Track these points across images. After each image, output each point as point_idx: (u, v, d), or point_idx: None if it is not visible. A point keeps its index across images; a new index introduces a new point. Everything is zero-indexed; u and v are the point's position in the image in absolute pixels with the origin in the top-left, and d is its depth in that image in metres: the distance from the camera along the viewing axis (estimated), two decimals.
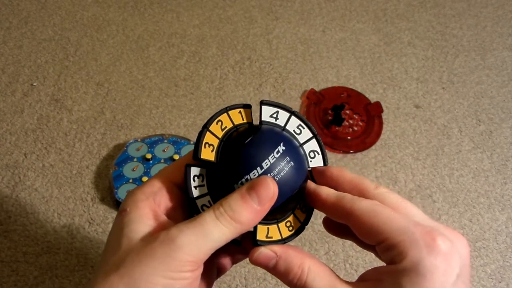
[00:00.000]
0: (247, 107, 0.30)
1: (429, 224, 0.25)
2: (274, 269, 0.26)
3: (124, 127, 0.65)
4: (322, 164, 0.30)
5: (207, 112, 0.67)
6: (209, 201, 0.28)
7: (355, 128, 0.66)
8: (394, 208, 0.26)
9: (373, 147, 0.65)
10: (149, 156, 0.59)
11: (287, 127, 0.30)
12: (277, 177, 0.27)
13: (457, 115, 0.70)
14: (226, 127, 0.29)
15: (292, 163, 0.28)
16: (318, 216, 0.58)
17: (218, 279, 0.52)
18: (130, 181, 0.57)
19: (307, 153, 0.30)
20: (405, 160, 0.64)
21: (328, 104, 0.68)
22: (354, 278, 0.54)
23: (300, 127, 0.30)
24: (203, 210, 0.27)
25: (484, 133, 0.68)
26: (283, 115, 0.30)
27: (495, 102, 0.72)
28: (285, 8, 0.83)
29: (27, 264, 0.52)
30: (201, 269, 0.25)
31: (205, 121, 0.28)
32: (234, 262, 0.33)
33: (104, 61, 0.73)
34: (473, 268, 0.55)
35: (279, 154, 0.27)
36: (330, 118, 0.67)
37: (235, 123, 0.29)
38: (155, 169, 0.58)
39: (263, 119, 0.29)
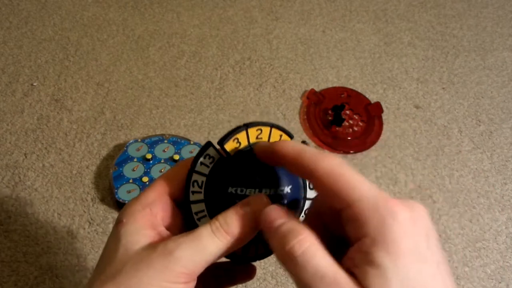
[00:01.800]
0: (290, 136, 0.30)
1: (385, 194, 0.24)
2: (276, 230, 0.24)
3: (124, 127, 0.65)
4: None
5: (207, 112, 0.67)
6: (203, 210, 0.28)
7: (355, 129, 0.66)
8: (356, 172, 0.24)
9: (373, 147, 0.65)
10: (149, 156, 0.59)
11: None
12: None
13: (457, 116, 0.70)
14: (261, 138, 0.29)
15: (288, 189, 0.28)
16: None
17: None
18: (130, 181, 0.57)
19: (308, 184, 0.30)
20: (405, 160, 0.64)
21: (328, 105, 0.68)
22: None
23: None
24: (196, 215, 0.28)
25: (484, 133, 0.68)
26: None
27: (495, 103, 0.72)
28: (285, 8, 0.83)
29: (27, 264, 0.52)
30: (194, 282, 0.25)
31: (249, 121, 0.28)
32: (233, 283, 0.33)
33: (104, 61, 0.73)
34: (473, 268, 0.55)
35: (282, 193, 0.28)
36: (330, 118, 0.67)
37: (271, 141, 0.29)
38: (155, 169, 0.58)
39: None
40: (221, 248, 0.25)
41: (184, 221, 0.29)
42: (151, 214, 0.27)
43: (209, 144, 0.28)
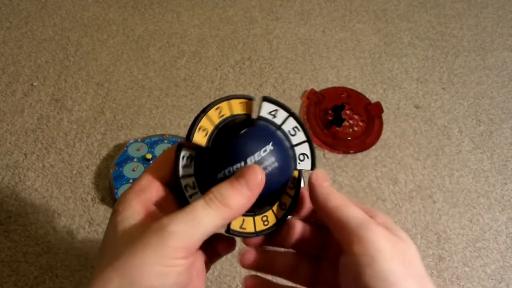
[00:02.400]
0: (249, 99, 0.30)
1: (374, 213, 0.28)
2: (325, 189, 0.29)
3: (124, 127, 0.65)
4: (309, 168, 0.31)
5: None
6: (193, 182, 0.28)
7: (355, 129, 0.66)
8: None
9: (373, 147, 0.65)
10: (149, 156, 0.59)
11: (282, 127, 0.30)
12: None
13: (457, 116, 0.70)
14: (223, 115, 0.29)
15: (276, 164, 0.28)
16: None
17: (218, 279, 0.53)
18: (130, 181, 0.57)
19: (297, 155, 0.31)
20: (405, 160, 0.64)
21: (328, 105, 0.68)
22: None
23: (295, 129, 0.31)
24: (187, 190, 0.28)
25: (484, 133, 0.68)
26: (281, 114, 0.30)
27: (495, 103, 0.72)
28: (285, 8, 0.83)
29: (27, 264, 0.52)
30: (193, 257, 0.25)
31: (205, 106, 0.29)
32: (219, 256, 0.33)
33: (104, 61, 0.73)
34: (473, 268, 0.55)
35: (266, 153, 0.28)
36: (330, 118, 0.67)
37: (234, 113, 0.30)
38: None
39: (261, 114, 0.30)
40: (216, 219, 0.25)
41: (179, 202, 0.29)
42: (145, 199, 0.28)
43: (179, 147, 0.28)
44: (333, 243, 0.31)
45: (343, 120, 0.66)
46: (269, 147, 0.28)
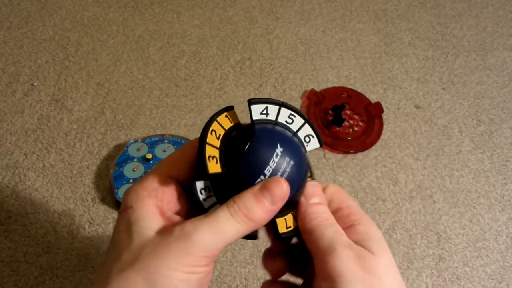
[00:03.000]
0: (229, 109, 0.30)
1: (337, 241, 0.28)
2: (310, 207, 0.29)
3: (125, 127, 0.65)
4: (318, 146, 0.31)
5: (208, 112, 0.67)
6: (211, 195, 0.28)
7: (356, 129, 0.66)
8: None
9: (374, 147, 0.65)
10: (149, 156, 0.59)
11: (278, 120, 0.31)
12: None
13: (457, 116, 0.70)
14: (220, 134, 0.29)
15: (292, 162, 0.28)
16: None
17: (219, 279, 0.53)
18: (131, 181, 0.57)
19: (303, 139, 0.31)
20: (405, 160, 0.64)
21: (329, 105, 0.68)
22: None
23: (291, 116, 0.31)
24: (203, 197, 0.28)
25: (484, 133, 0.68)
26: (272, 109, 0.30)
27: (495, 103, 0.72)
28: (286, 8, 0.83)
29: (27, 264, 0.52)
30: (213, 264, 0.26)
31: (200, 135, 0.28)
32: None
33: (104, 61, 0.73)
34: (473, 268, 0.55)
35: (278, 157, 0.28)
36: (330, 118, 0.67)
37: (226, 128, 0.30)
38: None
39: (254, 118, 0.30)
40: (239, 231, 0.25)
41: (191, 203, 0.29)
42: (158, 199, 0.27)
43: (191, 182, 0.28)
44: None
45: (343, 120, 0.66)
46: (279, 150, 0.28)
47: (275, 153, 0.28)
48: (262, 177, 0.27)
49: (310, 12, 0.83)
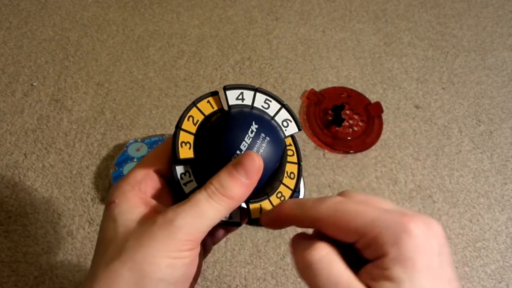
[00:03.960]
0: (214, 94, 0.31)
1: (399, 210, 0.24)
2: (295, 238, 0.26)
3: (124, 127, 0.65)
4: (296, 130, 0.31)
5: None
6: (191, 180, 0.29)
7: (355, 129, 0.66)
8: (360, 202, 0.25)
9: (373, 147, 0.65)
10: None
11: (255, 105, 0.31)
12: None
13: (457, 116, 0.70)
14: (198, 120, 0.30)
15: (268, 138, 0.29)
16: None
17: (218, 279, 0.53)
18: None
19: (280, 123, 0.31)
20: (405, 160, 0.64)
21: (328, 105, 0.68)
22: None
23: (267, 101, 0.31)
24: (185, 185, 0.28)
25: (484, 133, 0.68)
26: (248, 95, 0.31)
27: (495, 103, 0.72)
28: (285, 8, 0.83)
29: (27, 264, 0.52)
30: (199, 248, 0.26)
31: (177, 121, 0.29)
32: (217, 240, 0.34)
33: (104, 61, 0.73)
34: (473, 268, 0.55)
35: (254, 133, 0.28)
36: (330, 118, 0.67)
37: (206, 114, 0.30)
38: None
39: (230, 103, 0.30)
40: (220, 211, 0.25)
41: (175, 196, 0.29)
42: (141, 192, 0.28)
43: (172, 167, 0.28)
44: None
45: (343, 120, 0.66)
46: (254, 126, 0.28)
47: (250, 129, 0.28)
48: (238, 152, 0.27)
49: (310, 12, 0.83)
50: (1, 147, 0.62)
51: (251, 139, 0.28)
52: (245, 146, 0.28)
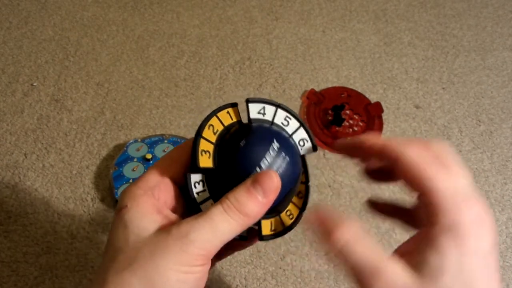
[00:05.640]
0: (234, 105, 0.30)
1: (471, 192, 0.25)
2: (322, 223, 0.26)
3: (124, 127, 0.65)
4: (312, 151, 0.31)
5: (207, 112, 0.67)
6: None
7: (355, 129, 0.66)
8: (444, 164, 0.25)
9: None
10: (149, 156, 0.59)
11: (275, 121, 0.31)
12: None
13: (457, 116, 0.70)
14: (217, 130, 0.29)
15: (288, 158, 0.28)
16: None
17: (218, 279, 0.53)
18: (130, 181, 0.57)
19: (297, 142, 0.31)
20: None
21: (328, 104, 0.68)
22: None
23: (287, 118, 0.31)
24: (198, 194, 0.28)
25: (484, 133, 0.68)
26: (269, 110, 0.30)
27: (495, 103, 0.72)
28: (285, 8, 0.83)
29: (27, 264, 0.52)
30: (210, 264, 0.25)
31: (197, 128, 0.28)
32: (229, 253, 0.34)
33: (104, 61, 0.73)
34: None
35: (275, 152, 0.28)
36: (330, 118, 0.67)
37: (225, 124, 0.30)
38: None
39: (251, 117, 0.30)
40: (235, 228, 0.25)
41: (186, 203, 0.29)
42: (153, 197, 0.27)
43: (187, 175, 0.28)
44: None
45: (343, 120, 0.66)
46: (275, 144, 0.28)
47: (272, 147, 0.28)
48: (258, 169, 0.27)
49: (310, 12, 0.83)
50: (1, 147, 0.62)
51: (271, 157, 0.28)
52: (265, 163, 0.27)
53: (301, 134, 0.31)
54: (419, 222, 0.25)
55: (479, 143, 0.67)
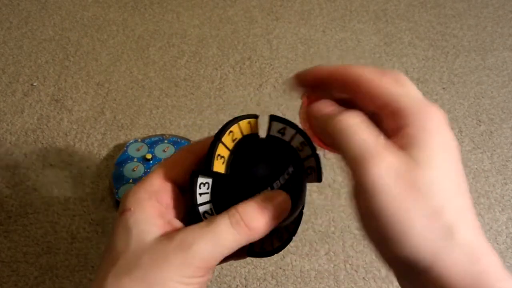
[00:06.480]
0: (256, 117, 0.30)
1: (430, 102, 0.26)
2: (326, 113, 0.28)
3: (124, 127, 0.65)
4: (316, 181, 0.31)
5: (207, 112, 0.67)
6: (211, 209, 0.28)
7: None
8: (401, 83, 0.26)
9: None
10: (149, 156, 0.59)
11: (291, 143, 0.31)
12: None
13: (457, 116, 0.70)
14: (236, 138, 0.29)
15: (297, 186, 0.29)
16: (318, 217, 0.57)
17: (218, 279, 0.52)
18: (131, 181, 0.57)
19: (306, 169, 0.31)
20: None
21: None
22: (355, 278, 0.53)
23: (303, 144, 0.31)
24: (205, 217, 0.28)
25: (484, 133, 0.68)
26: (289, 132, 0.31)
27: (495, 103, 0.72)
28: (286, 8, 0.83)
29: (27, 264, 0.52)
30: (210, 275, 0.25)
31: (217, 131, 0.28)
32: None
33: (104, 61, 0.73)
34: None
35: (289, 176, 0.29)
36: None
37: (244, 134, 0.29)
38: None
39: (271, 133, 0.30)
40: (240, 242, 0.25)
41: (186, 203, 0.29)
42: (157, 202, 0.27)
43: (195, 174, 0.28)
44: None
45: None
46: (291, 169, 0.29)
47: (287, 171, 0.28)
48: (269, 188, 0.27)
49: (310, 12, 0.83)
50: (1, 147, 0.62)
51: (285, 180, 0.28)
52: (277, 185, 0.27)
53: (311, 163, 0.31)
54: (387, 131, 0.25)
55: (479, 143, 0.67)
